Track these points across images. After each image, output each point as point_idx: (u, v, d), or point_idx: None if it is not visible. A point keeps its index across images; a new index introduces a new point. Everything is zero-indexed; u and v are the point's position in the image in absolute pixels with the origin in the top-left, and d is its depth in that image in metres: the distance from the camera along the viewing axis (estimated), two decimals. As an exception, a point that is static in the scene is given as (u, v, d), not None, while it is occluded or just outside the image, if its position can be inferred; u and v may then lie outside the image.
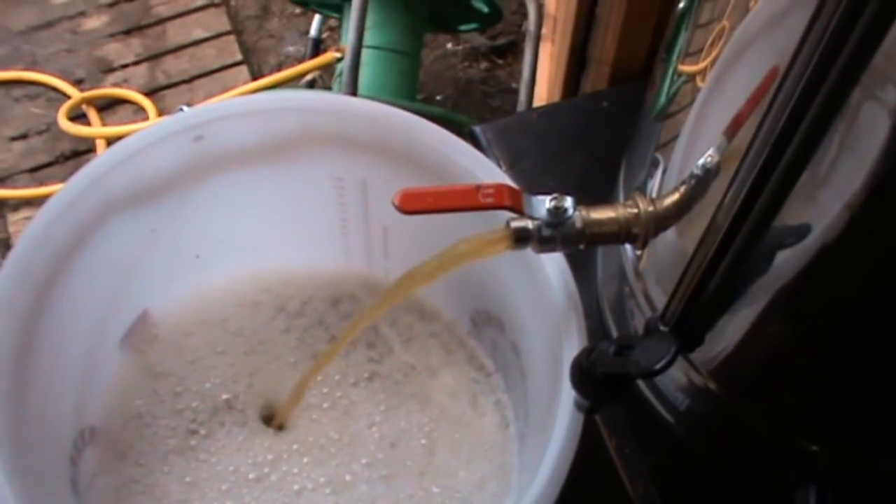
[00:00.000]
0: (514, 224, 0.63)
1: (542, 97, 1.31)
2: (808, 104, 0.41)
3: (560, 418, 0.64)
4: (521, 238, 0.63)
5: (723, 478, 0.73)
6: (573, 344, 0.65)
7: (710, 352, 0.62)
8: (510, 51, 2.12)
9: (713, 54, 0.58)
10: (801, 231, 0.51)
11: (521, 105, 1.60)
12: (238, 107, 0.80)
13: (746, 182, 0.47)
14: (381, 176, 0.83)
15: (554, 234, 0.63)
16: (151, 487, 0.81)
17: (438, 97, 2.04)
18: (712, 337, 0.59)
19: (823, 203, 0.49)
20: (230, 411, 0.87)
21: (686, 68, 0.65)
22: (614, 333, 0.78)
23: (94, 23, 2.17)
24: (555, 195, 0.62)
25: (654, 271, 0.68)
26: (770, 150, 0.44)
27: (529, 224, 0.63)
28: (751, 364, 0.62)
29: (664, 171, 0.66)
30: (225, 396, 0.88)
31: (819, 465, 0.66)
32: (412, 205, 0.59)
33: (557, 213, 0.62)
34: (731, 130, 0.54)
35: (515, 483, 0.81)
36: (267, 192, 0.86)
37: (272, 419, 0.87)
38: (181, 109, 0.78)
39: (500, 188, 0.61)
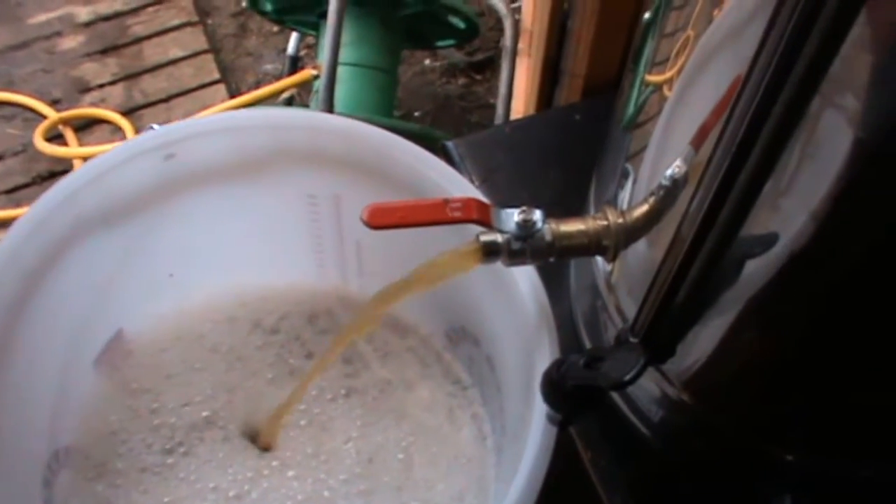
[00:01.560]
0: (484, 238, 0.63)
1: (519, 112, 1.31)
2: (768, 112, 0.41)
3: (533, 431, 0.63)
4: (490, 252, 0.63)
5: (700, 488, 0.73)
6: (545, 357, 0.65)
7: (682, 363, 0.62)
8: (488, 66, 2.12)
9: (679, 64, 0.58)
10: (768, 240, 0.51)
11: (499, 120, 1.60)
12: (209, 125, 0.79)
13: (710, 192, 0.47)
14: (355, 192, 0.82)
15: (523, 248, 0.62)
16: (127, 508, 0.81)
17: (417, 113, 2.05)
18: (683, 348, 0.59)
19: (789, 212, 0.49)
20: (209, 428, 0.86)
21: (653, 78, 0.65)
22: (588, 346, 0.78)
23: (70, 43, 2.17)
24: (523, 208, 0.62)
25: (626, 283, 0.68)
26: (731, 160, 0.44)
27: (499, 237, 0.63)
28: (723, 374, 0.62)
29: (634, 183, 0.66)
30: (203, 413, 0.87)
31: (794, 473, 0.66)
32: (380, 220, 0.59)
33: (526, 225, 0.62)
34: (698, 140, 0.54)
35: (493, 495, 0.80)
36: (240, 210, 0.86)
37: (257, 438, 0.86)
38: (151, 128, 0.78)
39: (468, 202, 0.61)
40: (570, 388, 0.57)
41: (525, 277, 0.70)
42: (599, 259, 0.73)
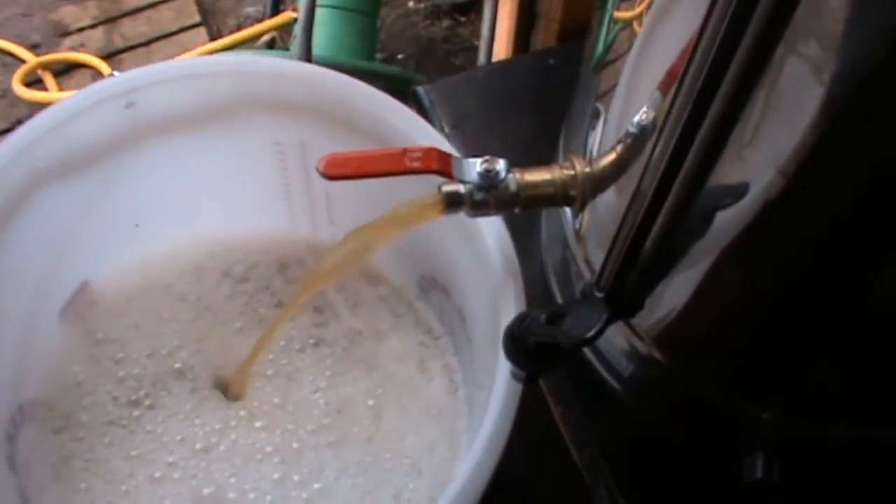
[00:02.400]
0: (446, 188, 0.61)
1: (500, 55, 1.29)
2: (728, 59, 0.39)
3: (498, 385, 0.62)
4: (452, 202, 0.61)
5: (671, 445, 0.72)
6: (510, 310, 0.64)
7: (651, 317, 0.60)
8: (473, 8, 2.09)
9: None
10: (737, 191, 0.49)
11: (481, 63, 1.58)
12: (169, 72, 0.77)
13: (671, 141, 0.45)
14: (320, 140, 0.80)
15: (487, 198, 0.61)
16: (93, 462, 0.80)
17: (400, 56, 2.02)
18: (651, 302, 0.58)
19: (755, 163, 0.47)
20: (176, 379, 0.85)
21: (621, 14, 0.62)
22: (559, 299, 0.77)
23: (49, -15, 2.13)
24: (486, 157, 0.60)
25: (594, 234, 0.66)
26: (693, 107, 0.42)
27: (461, 188, 0.61)
28: (693, 329, 0.61)
29: (602, 130, 0.64)
30: (170, 364, 0.86)
31: (768, 432, 0.64)
32: (336, 170, 0.57)
33: (489, 175, 0.60)
34: (666, 85, 0.52)
35: (465, 447, 0.79)
36: (205, 159, 0.84)
37: (226, 389, 0.85)
38: (112, 75, 0.76)
39: (427, 152, 0.59)
40: (531, 345, 0.55)
41: (491, 228, 0.68)
42: (568, 209, 0.71)
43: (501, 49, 1.29)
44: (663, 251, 0.52)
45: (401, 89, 1.48)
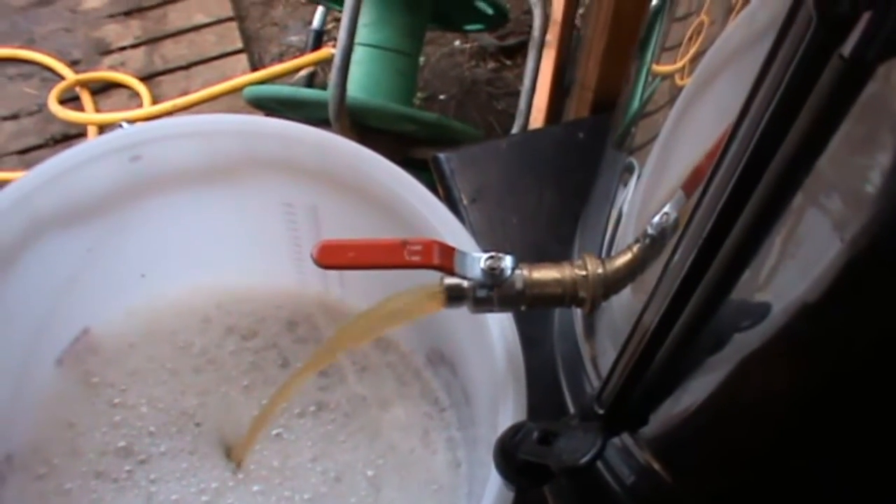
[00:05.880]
0: (448, 281, 0.58)
1: (541, 107, 1.26)
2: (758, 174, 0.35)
3: (491, 485, 0.58)
4: (454, 297, 0.58)
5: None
6: (507, 415, 0.61)
7: (652, 431, 0.57)
8: (519, 52, 2.06)
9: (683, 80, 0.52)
10: (758, 312, 0.45)
11: (520, 114, 1.54)
12: (177, 127, 0.76)
13: (690, 254, 0.41)
14: (332, 203, 0.79)
15: (490, 296, 0.57)
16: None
17: (442, 96, 1.99)
18: (654, 416, 0.54)
19: (779, 286, 0.43)
20: (175, 433, 0.83)
21: (653, 92, 0.59)
22: (567, 392, 0.73)
23: (94, 2, 2.12)
24: (492, 254, 0.57)
25: (603, 335, 0.63)
26: (716, 221, 0.38)
27: (464, 283, 0.58)
28: (692, 449, 0.57)
29: (621, 225, 0.61)
30: (170, 415, 0.84)
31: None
32: (331, 259, 0.54)
33: (493, 273, 0.56)
34: (690, 185, 0.48)
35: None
36: (213, 214, 0.82)
37: (229, 451, 0.82)
38: (121, 126, 0.74)
39: (429, 245, 0.55)
40: (521, 462, 0.52)
41: (498, 325, 0.65)
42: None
43: (543, 101, 1.26)
44: (672, 370, 0.49)
45: (436, 134, 1.45)
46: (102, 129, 1.81)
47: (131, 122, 0.79)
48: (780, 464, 0.54)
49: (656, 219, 0.52)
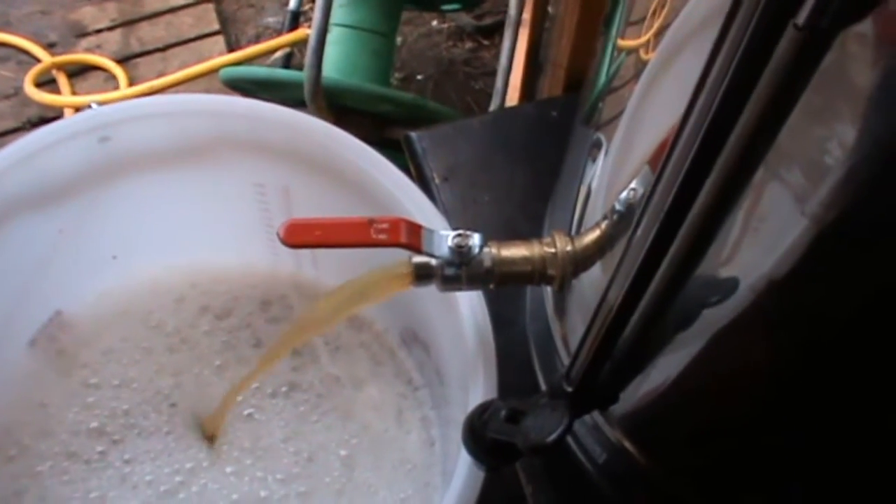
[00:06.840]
0: (416, 260, 0.58)
1: (516, 86, 1.25)
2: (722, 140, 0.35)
3: (462, 462, 0.58)
4: (422, 275, 0.58)
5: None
6: (478, 395, 0.60)
7: (622, 409, 0.57)
8: (497, 31, 2.05)
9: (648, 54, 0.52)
10: (725, 288, 0.45)
11: (497, 93, 1.54)
12: (146, 108, 0.75)
13: (652, 228, 0.40)
14: (303, 184, 0.79)
15: (458, 274, 0.57)
16: (47, 502, 0.77)
17: (419, 77, 1.98)
18: (624, 394, 0.54)
19: (746, 258, 0.43)
20: (149, 413, 0.83)
21: (620, 66, 0.58)
22: (540, 375, 0.73)
23: (70, -16, 2.11)
24: (459, 231, 0.57)
25: (573, 312, 0.62)
26: (678, 192, 0.37)
27: (432, 261, 0.57)
28: (663, 427, 0.57)
29: (590, 201, 0.60)
30: (144, 395, 0.84)
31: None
32: (297, 238, 0.54)
33: (461, 252, 0.56)
34: (656, 160, 0.47)
35: (438, 505, 0.76)
36: (184, 195, 0.82)
37: (202, 428, 0.82)
38: (90, 107, 0.73)
39: (395, 223, 0.55)
40: (489, 441, 0.52)
41: (468, 303, 0.65)
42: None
43: (518, 79, 1.26)
44: (641, 347, 0.49)
45: (413, 115, 1.45)
46: (79, 111, 1.79)
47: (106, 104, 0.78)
48: (751, 439, 0.54)
49: (624, 195, 0.52)
